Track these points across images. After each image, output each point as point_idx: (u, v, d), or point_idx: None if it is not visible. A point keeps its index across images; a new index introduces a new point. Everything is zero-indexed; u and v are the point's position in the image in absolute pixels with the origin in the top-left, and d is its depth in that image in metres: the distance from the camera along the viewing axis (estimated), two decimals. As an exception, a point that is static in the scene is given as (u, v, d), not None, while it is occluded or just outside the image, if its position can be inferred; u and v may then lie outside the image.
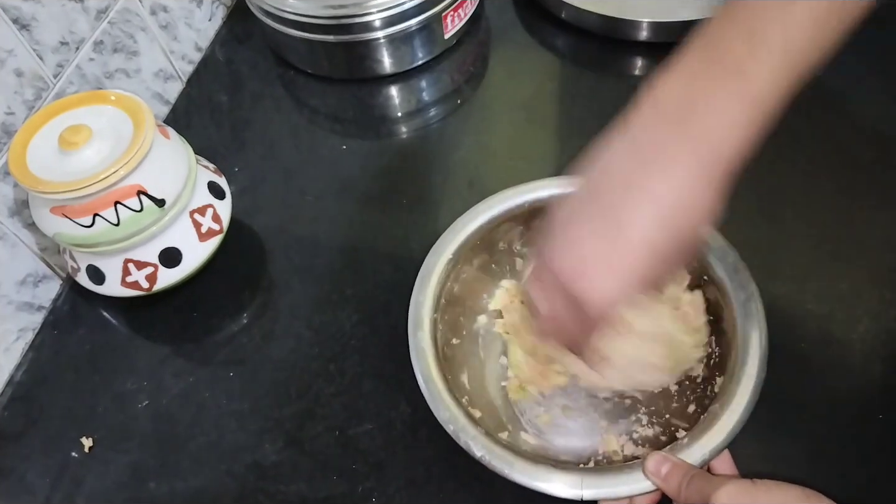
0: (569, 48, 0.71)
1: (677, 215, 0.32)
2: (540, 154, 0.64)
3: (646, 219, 0.32)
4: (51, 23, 0.54)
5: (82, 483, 0.48)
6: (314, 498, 0.46)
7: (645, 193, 0.32)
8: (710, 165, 0.31)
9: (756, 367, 0.41)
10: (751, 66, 0.30)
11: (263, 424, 0.50)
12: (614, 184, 0.33)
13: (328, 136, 0.68)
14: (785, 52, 0.30)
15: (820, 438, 0.45)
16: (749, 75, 0.30)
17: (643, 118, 0.33)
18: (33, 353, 0.55)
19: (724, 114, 0.31)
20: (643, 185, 0.32)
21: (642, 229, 0.32)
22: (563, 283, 0.34)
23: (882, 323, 0.49)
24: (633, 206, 0.32)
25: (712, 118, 0.31)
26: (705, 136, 0.31)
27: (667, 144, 0.32)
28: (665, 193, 0.31)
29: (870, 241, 0.53)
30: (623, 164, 0.33)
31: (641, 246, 0.32)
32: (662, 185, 0.31)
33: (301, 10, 0.64)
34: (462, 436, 0.40)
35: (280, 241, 0.59)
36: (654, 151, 0.32)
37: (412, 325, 0.44)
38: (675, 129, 0.31)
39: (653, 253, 0.32)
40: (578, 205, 0.34)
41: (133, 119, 0.49)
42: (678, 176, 0.31)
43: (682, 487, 0.37)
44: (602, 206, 0.33)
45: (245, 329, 0.55)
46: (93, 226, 0.48)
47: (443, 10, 0.66)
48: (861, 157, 0.58)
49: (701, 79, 0.31)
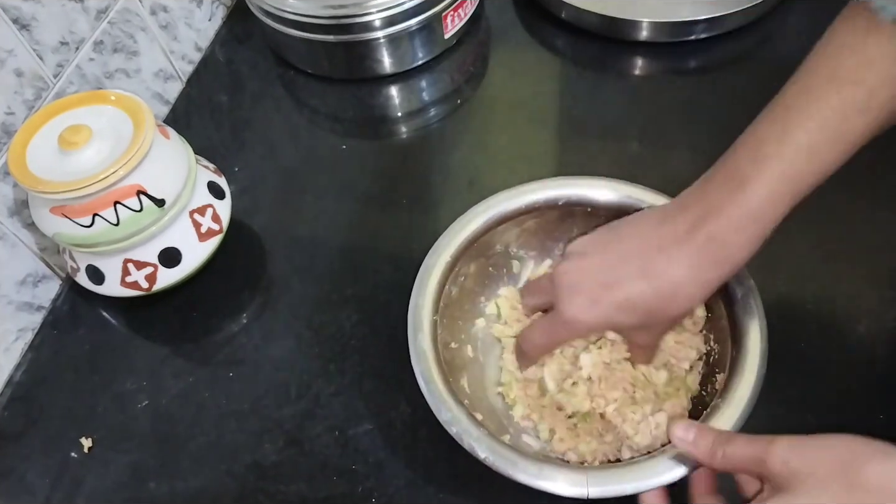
0: (569, 48, 0.71)
1: (663, 295, 0.39)
2: (540, 154, 0.64)
3: (638, 286, 0.39)
4: (51, 23, 0.54)
5: (82, 483, 0.48)
6: (314, 498, 0.46)
7: (648, 267, 0.39)
8: (710, 264, 0.38)
9: (756, 363, 0.40)
10: (752, 185, 0.36)
11: (263, 424, 0.50)
12: (632, 247, 0.41)
13: (328, 136, 0.68)
14: (781, 174, 0.36)
15: (820, 438, 0.45)
16: (749, 192, 0.36)
17: (672, 210, 0.40)
18: (33, 353, 0.55)
19: (728, 224, 0.37)
20: (651, 259, 0.39)
21: (631, 290, 0.40)
22: (554, 291, 0.42)
23: (882, 323, 0.49)
24: (634, 271, 0.39)
25: (718, 227, 0.37)
26: (709, 238, 0.38)
27: (681, 237, 0.38)
28: (662, 274, 0.39)
29: (870, 241, 0.53)
30: (645, 236, 0.40)
31: (625, 302, 0.40)
32: (664, 268, 0.39)
33: (301, 10, 0.64)
34: (466, 437, 0.40)
35: (280, 241, 0.59)
36: (671, 238, 0.39)
37: (412, 328, 0.44)
38: (691, 228, 0.38)
39: (631, 311, 0.40)
40: (599, 248, 0.42)
41: (133, 119, 0.49)
42: (681, 265, 0.38)
43: (716, 448, 0.36)
44: (614, 257, 0.41)
45: (245, 329, 0.55)
46: (92, 226, 0.48)
47: (443, 9, 0.66)
48: (861, 157, 0.58)
49: (716, 191, 0.38)
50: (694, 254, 0.38)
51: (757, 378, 0.40)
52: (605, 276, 0.40)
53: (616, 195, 0.48)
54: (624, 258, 0.40)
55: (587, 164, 0.61)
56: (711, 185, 0.38)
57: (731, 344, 0.43)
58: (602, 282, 0.40)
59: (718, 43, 0.68)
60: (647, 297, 0.39)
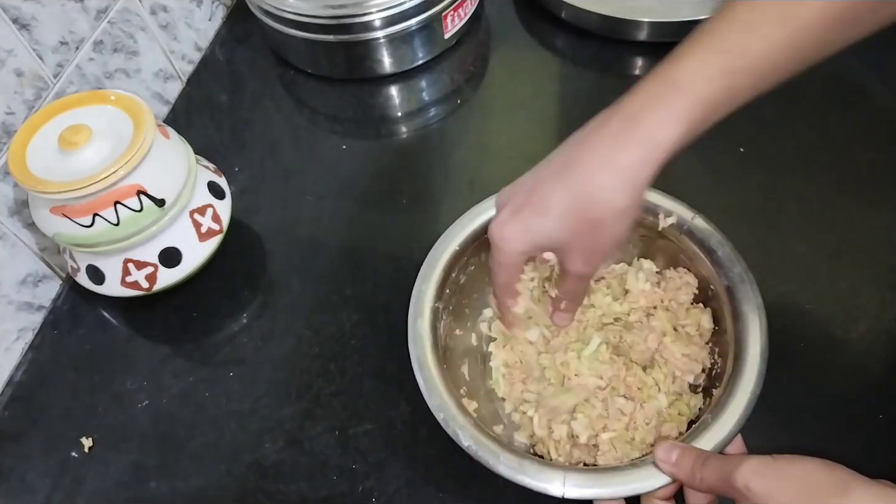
0: (569, 48, 0.71)
1: (579, 189, 0.36)
2: (540, 154, 0.63)
3: (553, 184, 0.37)
4: (51, 23, 0.54)
5: (82, 483, 0.48)
6: (314, 497, 0.46)
7: (565, 163, 0.37)
8: (627, 145, 0.35)
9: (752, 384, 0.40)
10: (680, 59, 0.34)
11: (263, 424, 0.50)
12: (557, 153, 0.38)
13: (328, 135, 0.68)
14: (714, 47, 0.33)
15: (820, 438, 0.45)
16: (675, 66, 0.34)
17: (603, 115, 0.37)
18: (33, 352, 0.55)
19: (649, 99, 0.34)
20: (567, 155, 0.37)
21: (547, 190, 0.37)
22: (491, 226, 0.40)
23: (882, 323, 0.49)
24: (553, 170, 0.37)
25: (638, 104, 0.35)
26: (630, 118, 0.35)
27: (598, 126, 0.36)
28: (576, 165, 0.36)
29: (870, 241, 0.53)
30: (570, 139, 0.38)
31: (542, 204, 0.37)
32: (578, 157, 0.36)
33: (301, 10, 0.64)
34: (451, 424, 0.40)
35: (280, 241, 0.59)
36: (589, 130, 0.37)
37: (413, 313, 0.44)
38: (609, 114, 0.36)
39: (550, 216, 0.37)
40: (536, 169, 0.40)
41: (133, 119, 0.49)
42: (594, 152, 0.36)
43: (695, 471, 0.36)
44: (542, 166, 0.39)
45: (245, 329, 0.55)
46: (92, 226, 0.48)
47: (443, 9, 0.66)
48: (861, 157, 0.59)
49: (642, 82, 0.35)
50: (609, 137, 0.35)
51: (750, 399, 0.39)
52: (527, 186, 0.39)
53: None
54: (547, 163, 0.38)
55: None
56: (627, 97, 0.36)
57: (731, 360, 0.42)
58: (526, 190, 0.38)
59: (718, 43, 0.68)
60: (564, 195, 0.36)
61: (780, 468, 0.33)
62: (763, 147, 0.60)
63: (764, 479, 0.33)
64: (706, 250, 0.45)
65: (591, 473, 0.39)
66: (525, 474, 0.38)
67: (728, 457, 0.36)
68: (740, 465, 0.34)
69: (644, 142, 0.34)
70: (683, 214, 0.46)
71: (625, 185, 0.35)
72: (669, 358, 0.45)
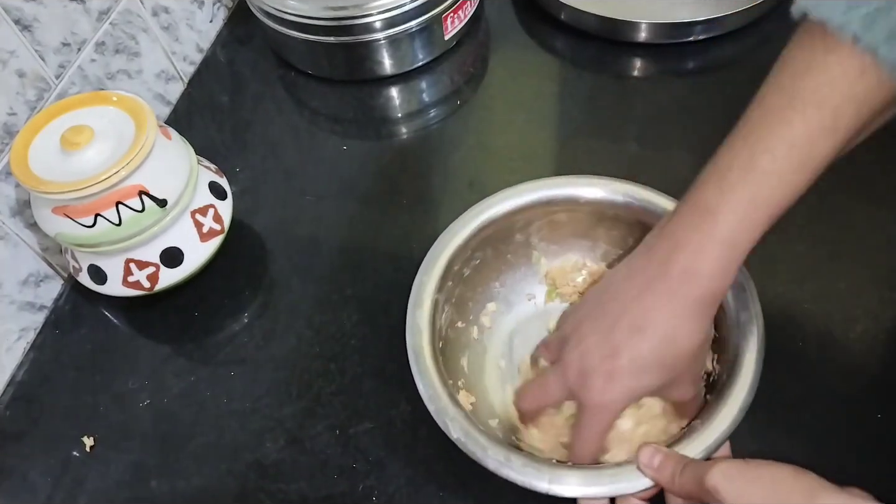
0: (568, 49, 0.71)
1: (663, 341, 0.38)
2: (540, 154, 0.64)
3: (636, 344, 0.38)
4: (52, 24, 0.54)
5: (84, 482, 0.49)
6: (315, 497, 0.46)
7: (635, 321, 0.38)
8: (690, 298, 0.37)
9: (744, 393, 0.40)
10: (721, 213, 0.36)
11: (264, 424, 0.50)
12: (614, 308, 0.40)
13: (329, 136, 0.68)
14: (750, 201, 0.35)
15: (819, 438, 0.45)
16: (719, 220, 0.36)
17: (639, 256, 0.40)
18: (35, 352, 0.55)
19: (700, 253, 0.36)
20: (634, 312, 0.38)
21: (632, 351, 0.38)
22: (569, 383, 0.40)
23: (881, 323, 0.49)
24: (626, 331, 0.38)
25: (690, 258, 0.37)
26: (685, 272, 0.37)
27: (654, 278, 0.38)
28: (651, 323, 0.38)
29: (869, 241, 0.54)
30: (620, 291, 0.40)
31: (634, 365, 0.38)
32: (649, 315, 0.38)
33: (302, 12, 0.64)
34: (441, 415, 0.40)
35: (281, 241, 0.60)
36: (644, 282, 0.38)
37: (412, 303, 0.44)
38: (662, 266, 0.38)
39: (644, 370, 0.38)
40: (589, 325, 0.41)
41: (135, 120, 0.49)
42: (663, 307, 0.38)
43: (675, 476, 0.37)
44: (604, 326, 0.40)
45: (246, 328, 0.55)
46: (94, 226, 0.48)
47: (443, 11, 0.66)
48: (861, 157, 0.58)
49: (682, 225, 0.37)
50: (672, 291, 0.37)
51: (741, 407, 0.39)
52: (604, 349, 0.39)
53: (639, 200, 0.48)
54: (612, 324, 0.39)
55: (586, 165, 0.61)
56: (676, 220, 0.38)
57: (727, 367, 0.42)
58: (604, 356, 0.39)
59: (717, 44, 0.68)
60: (650, 351, 0.38)
61: (750, 472, 0.34)
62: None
63: (733, 481, 0.34)
64: None
65: (577, 471, 0.39)
66: (511, 469, 0.38)
67: (704, 461, 0.37)
68: (712, 468, 0.34)
69: (707, 295, 0.37)
70: None
71: (700, 327, 0.38)
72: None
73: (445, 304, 0.46)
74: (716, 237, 0.36)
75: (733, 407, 0.39)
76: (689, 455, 0.38)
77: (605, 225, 0.50)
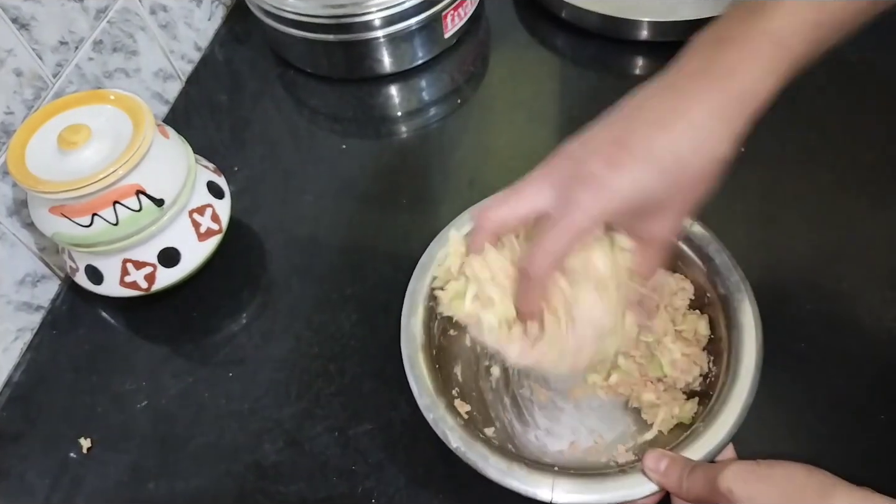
0: (569, 48, 0.71)
1: (687, 140, 0.33)
2: (540, 154, 0.63)
3: (658, 134, 0.33)
4: (50, 22, 0.54)
5: (81, 483, 0.48)
6: (314, 498, 0.46)
7: (665, 110, 0.33)
8: (733, 100, 0.32)
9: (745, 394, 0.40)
10: (775, 10, 0.32)
11: (263, 424, 0.49)
12: (640, 101, 0.34)
13: (328, 135, 0.68)
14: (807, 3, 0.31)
15: (820, 438, 0.45)
16: (771, 18, 0.32)
17: (680, 59, 0.35)
18: (32, 353, 0.55)
19: (748, 48, 0.32)
20: (665, 101, 0.33)
21: (652, 140, 0.33)
22: (560, 175, 0.35)
23: (883, 323, 0.49)
24: (650, 119, 0.33)
25: (737, 51, 0.32)
26: (732, 70, 0.32)
27: (696, 74, 0.33)
28: (682, 115, 0.33)
29: (870, 241, 0.53)
30: (652, 87, 0.35)
31: (647, 154, 0.33)
32: (683, 107, 0.33)
33: (301, 10, 0.64)
34: (441, 424, 0.40)
35: (280, 241, 0.59)
36: (685, 77, 0.34)
37: (406, 312, 0.44)
38: (707, 63, 0.33)
39: (655, 167, 0.33)
40: (601, 123, 0.35)
41: (132, 118, 0.49)
42: (701, 104, 0.33)
43: (682, 480, 0.36)
44: (623, 116, 0.35)
45: (244, 329, 0.55)
46: (91, 225, 0.48)
47: (443, 9, 0.66)
48: (861, 157, 0.58)
49: (727, 24, 0.33)
50: (713, 89, 0.33)
51: (742, 409, 0.39)
52: (617, 133, 0.34)
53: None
54: (635, 111, 0.34)
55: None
56: (723, 20, 0.34)
57: (725, 369, 0.42)
58: (615, 139, 0.34)
59: (719, 42, 0.68)
60: (669, 144, 0.33)
61: (763, 472, 0.33)
62: (763, 147, 0.60)
63: (746, 483, 0.33)
64: (703, 257, 0.45)
65: (581, 479, 0.38)
66: (514, 478, 0.38)
67: (713, 464, 0.36)
68: (724, 470, 0.34)
69: (750, 100, 0.33)
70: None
71: (730, 136, 0.33)
72: (671, 357, 0.45)
73: (438, 311, 0.46)
74: (766, 34, 0.32)
75: (735, 409, 0.39)
76: (693, 458, 0.38)
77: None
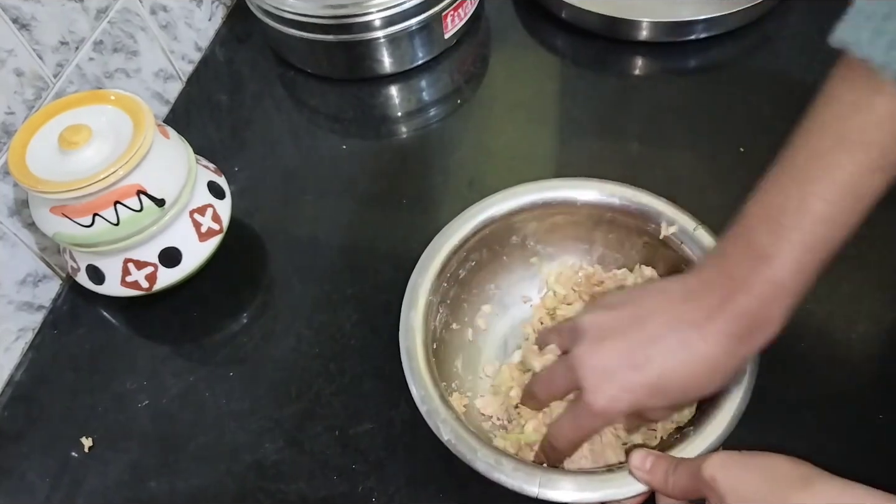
0: (569, 48, 0.71)
1: (699, 374, 0.37)
2: (540, 154, 0.64)
3: (672, 366, 0.37)
4: (51, 22, 0.54)
5: (82, 483, 0.48)
6: (314, 497, 0.46)
7: (682, 345, 0.37)
8: (744, 340, 0.37)
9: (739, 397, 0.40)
10: (778, 260, 0.35)
11: (263, 424, 0.50)
12: (659, 324, 0.38)
13: (328, 135, 0.68)
14: (805, 245, 0.35)
15: (819, 438, 0.45)
16: (774, 264, 0.35)
17: (695, 286, 0.38)
18: (33, 352, 0.55)
19: (756, 297, 0.36)
20: (684, 337, 0.37)
21: (665, 371, 0.37)
22: (576, 377, 0.39)
23: (882, 323, 0.49)
24: (667, 350, 0.37)
25: (746, 300, 0.36)
26: (741, 313, 0.36)
27: (713, 313, 0.37)
28: (698, 352, 0.37)
29: (870, 241, 0.53)
30: (671, 312, 0.38)
31: (658, 383, 0.37)
32: (699, 346, 0.37)
33: (301, 10, 0.64)
34: (433, 417, 0.40)
35: (280, 241, 0.59)
36: (702, 314, 0.37)
37: (406, 304, 0.44)
38: (721, 304, 0.37)
39: (663, 393, 0.38)
40: (620, 327, 0.39)
41: (133, 119, 0.49)
42: (717, 343, 0.37)
43: (668, 476, 0.37)
44: (642, 337, 0.38)
45: (245, 329, 0.55)
46: (92, 225, 0.48)
47: (443, 9, 0.66)
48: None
49: (738, 266, 0.37)
50: (728, 330, 0.37)
51: (735, 413, 0.39)
52: (634, 358, 0.38)
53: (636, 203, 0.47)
54: (653, 338, 0.38)
55: (587, 165, 0.61)
56: (732, 260, 0.37)
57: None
58: (632, 364, 0.38)
59: (718, 43, 0.68)
60: (682, 377, 0.37)
61: (746, 461, 0.34)
62: (763, 147, 0.59)
63: (730, 470, 0.34)
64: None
65: (568, 476, 0.39)
66: (501, 472, 0.38)
67: (697, 458, 0.37)
68: (707, 459, 0.35)
69: (760, 338, 0.37)
70: (685, 224, 0.46)
71: (740, 367, 0.39)
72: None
73: (440, 305, 0.46)
74: (773, 284, 0.36)
75: (727, 414, 0.39)
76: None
77: (602, 228, 0.50)
